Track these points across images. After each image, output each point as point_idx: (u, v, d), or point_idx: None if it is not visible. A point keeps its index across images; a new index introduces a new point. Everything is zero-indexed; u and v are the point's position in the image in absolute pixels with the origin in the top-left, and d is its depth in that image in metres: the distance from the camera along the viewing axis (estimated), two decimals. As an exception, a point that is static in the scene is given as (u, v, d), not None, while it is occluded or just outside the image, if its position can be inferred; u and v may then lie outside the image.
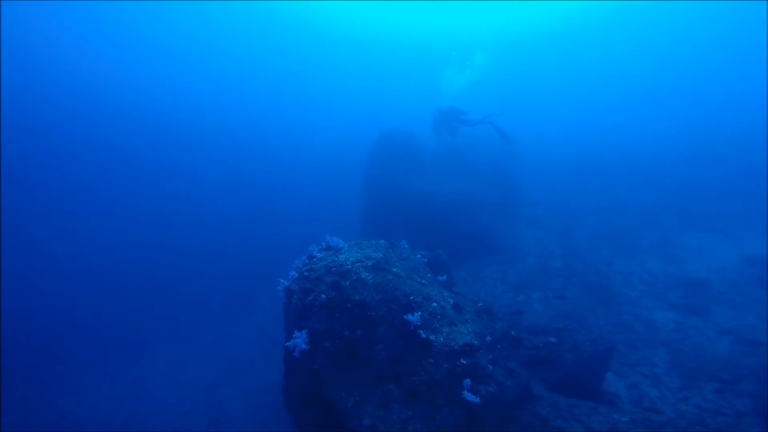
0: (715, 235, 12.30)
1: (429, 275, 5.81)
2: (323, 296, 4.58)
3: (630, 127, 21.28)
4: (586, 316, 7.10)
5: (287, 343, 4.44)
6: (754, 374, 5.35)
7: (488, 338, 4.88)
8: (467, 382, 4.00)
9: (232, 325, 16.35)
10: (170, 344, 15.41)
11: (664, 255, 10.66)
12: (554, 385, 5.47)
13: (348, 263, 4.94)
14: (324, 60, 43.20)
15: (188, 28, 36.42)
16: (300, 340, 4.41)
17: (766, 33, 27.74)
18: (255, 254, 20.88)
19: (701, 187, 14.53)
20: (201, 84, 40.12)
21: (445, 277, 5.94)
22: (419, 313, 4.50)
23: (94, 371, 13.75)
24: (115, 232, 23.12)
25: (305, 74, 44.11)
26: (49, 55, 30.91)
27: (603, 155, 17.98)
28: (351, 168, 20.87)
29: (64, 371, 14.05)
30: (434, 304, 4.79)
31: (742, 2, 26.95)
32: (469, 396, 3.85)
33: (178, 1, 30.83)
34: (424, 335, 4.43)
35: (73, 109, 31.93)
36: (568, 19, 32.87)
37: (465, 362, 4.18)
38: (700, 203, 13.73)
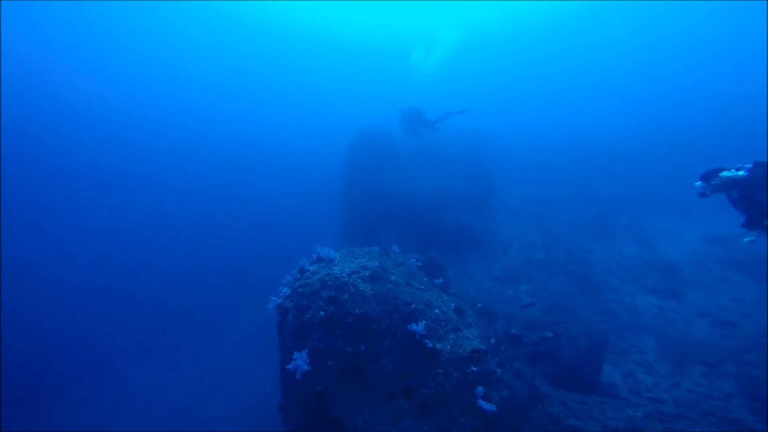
0: (678, 218, 13.09)
1: (426, 279, 5.67)
2: (322, 313, 4.31)
3: (597, 120, 22.33)
4: (575, 307, 7.29)
5: (288, 366, 4.15)
6: (733, 356, 5.69)
7: (492, 340, 4.81)
8: (480, 389, 3.89)
9: (216, 339, 15.71)
10: (151, 362, 14.71)
11: (636, 239, 11.22)
12: (556, 380, 5.53)
13: (344, 275, 4.70)
14: (292, 62, 42.22)
15: (161, 34, 34.45)
16: (301, 361, 4.13)
17: (724, 31, 30.01)
18: (233, 264, 20.19)
19: (662, 173, 15.44)
20: (173, 93, 38.30)
21: (441, 279, 5.82)
22: (423, 321, 4.34)
23: (74, 393, 13.13)
24: (86, 247, 21.89)
25: (275, 78, 42.98)
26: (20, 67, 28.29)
27: (572, 147, 18.73)
28: (327, 170, 20.58)
29: (46, 393, 13.40)
30: (437, 310, 4.65)
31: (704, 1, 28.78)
32: (484, 404, 3.74)
33: (144, 2, 28.91)
34: (430, 344, 4.27)
35: (46, 121, 29.98)
36: (539, 16, 33.99)
37: (475, 369, 4.07)
38: (661, 188, 14.56)
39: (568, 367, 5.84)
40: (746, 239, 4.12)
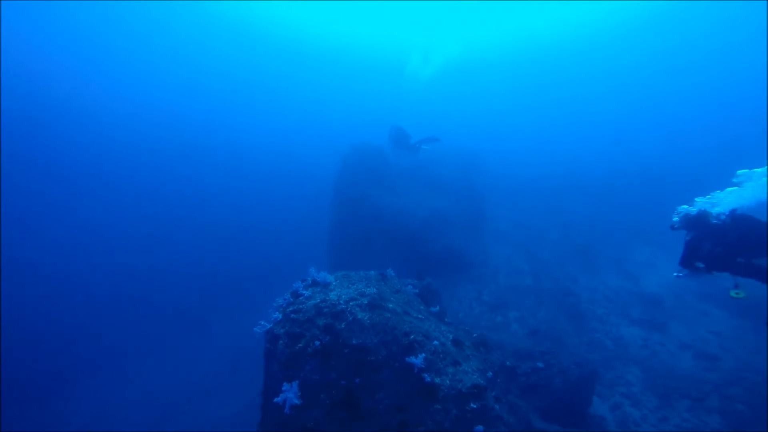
0: (656, 249, 13.57)
1: (422, 307, 5.56)
2: (317, 342, 4.12)
3: (582, 148, 23.21)
4: (562, 336, 7.32)
5: (276, 399, 3.91)
6: (717, 390, 5.81)
7: (489, 373, 4.70)
8: (479, 429, 3.76)
9: (184, 354, 15.05)
10: (146, 363, 14.12)
11: (619, 270, 11.52)
12: (547, 411, 5.46)
13: (341, 302, 4.53)
14: (287, 72, 42.48)
15: (161, 39, 34.24)
16: (291, 394, 3.91)
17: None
18: (220, 271, 19.61)
19: (640, 203, 16.10)
20: (170, 98, 37.90)
21: (438, 307, 5.73)
22: (423, 354, 4.21)
23: (71, 393, 13.22)
24: (84, 249, 21.51)
25: (272, 87, 43.12)
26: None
27: (558, 173, 19.36)
28: (318, 183, 20.54)
29: (44, 393, 13.35)
30: (435, 342, 4.53)
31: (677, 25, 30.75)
32: (484, 446, 3.62)
33: (135, 1, 28.65)
34: (429, 378, 4.13)
35: (43, 123, 29.53)
36: (532, 41, 35.39)
37: (475, 406, 3.95)
38: (641, 219, 15.15)
39: (559, 399, 5.79)
40: (675, 274, 4.37)
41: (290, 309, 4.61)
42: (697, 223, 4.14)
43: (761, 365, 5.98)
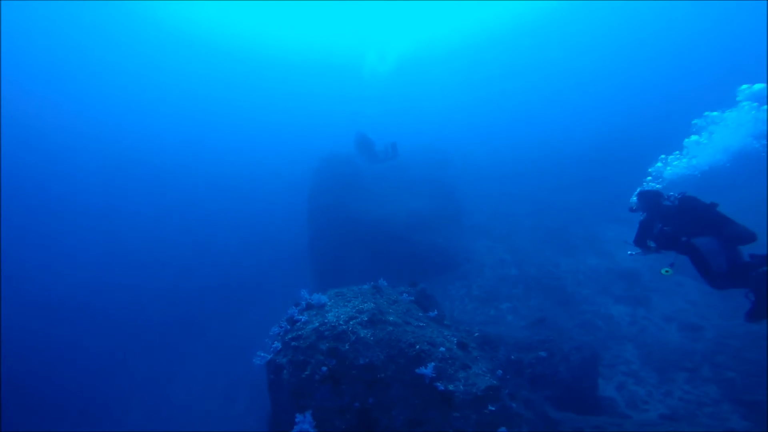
0: (624, 226, 14.30)
1: (420, 314, 5.47)
2: (323, 368, 3.93)
3: (544, 135, 24.02)
4: (557, 322, 7.49)
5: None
6: (707, 359, 6.15)
7: (499, 372, 4.68)
8: (503, 430, 3.70)
9: (170, 384, 14.29)
10: (147, 376, 13.89)
11: (596, 250, 12.01)
12: (557, 401, 5.51)
13: (341, 322, 4.37)
14: (238, 85, 41.40)
15: (113, 58, 32.59)
16: (306, 425, 3.70)
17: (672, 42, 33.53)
18: (184, 298, 18.71)
19: (607, 183, 16.90)
20: (121, 117, 36.01)
21: (435, 312, 5.66)
22: (432, 363, 4.11)
23: (72, 405, 13.37)
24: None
25: (226, 101, 41.84)
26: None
27: (524, 160, 20.00)
28: (290, 195, 20.19)
29: (45, 406, 13.37)
30: (442, 348, 4.45)
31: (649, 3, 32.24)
32: (509, 448, 3.56)
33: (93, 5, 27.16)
34: (442, 387, 4.04)
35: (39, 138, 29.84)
36: (487, 29, 35.73)
37: (493, 408, 3.89)
38: (608, 198, 15.93)
39: (566, 386, 5.88)
40: (629, 252, 4.74)
41: (289, 336, 4.39)
42: (651, 205, 4.45)
43: (738, 330, 6.42)
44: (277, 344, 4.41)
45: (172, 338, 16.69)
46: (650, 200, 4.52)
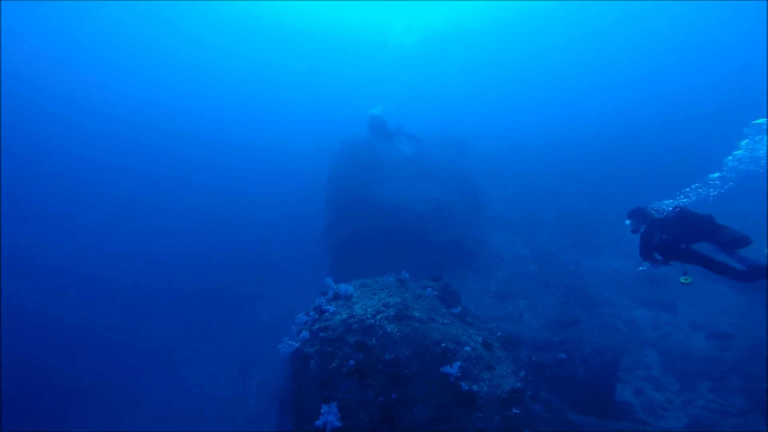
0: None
1: (444, 310, 5.48)
2: (351, 361, 3.99)
3: (571, 123, 22.82)
4: (577, 322, 7.40)
5: (317, 423, 3.79)
6: (736, 369, 5.97)
7: (522, 373, 4.68)
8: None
9: (187, 362, 14.91)
10: (152, 373, 14.01)
11: (619, 249, 11.69)
12: (574, 402, 5.51)
13: (368, 316, 4.41)
14: (263, 61, 40.92)
15: (147, 30, 32.74)
16: (332, 416, 3.80)
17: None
18: (202, 281, 19.24)
19: (638, 180, 16.18)
20: (161, 91, 36.55)
21: (459, 308, 5.65)
22: (458, 363, 4.12)
23: (75, 402, 13.19)
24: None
25: (253, 75, 41.51)
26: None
27: (548, 151, 19.26)
28: (310, 175, 20.26)
29: (47, 403, 13.22)
30: (467, 347, 4.45)
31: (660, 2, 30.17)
32: (532, 453, 3.58)
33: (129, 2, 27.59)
34: (466, 387, 4.06)
35: (45, 119, 30.45)
36: (519, 14, 33.47)
37: (517, 411, 3.91)
38: (638, 196, 15.30)
39: (584, 388, 5.86)
40: (640, 268, 4.90)
41: (317, 326, 4.47)
42: (644, 219, 4.75)
43: None
44: (305, 333, 4.49)
45: (188, 317, 17.19)
46: (641, 216, 4.82)
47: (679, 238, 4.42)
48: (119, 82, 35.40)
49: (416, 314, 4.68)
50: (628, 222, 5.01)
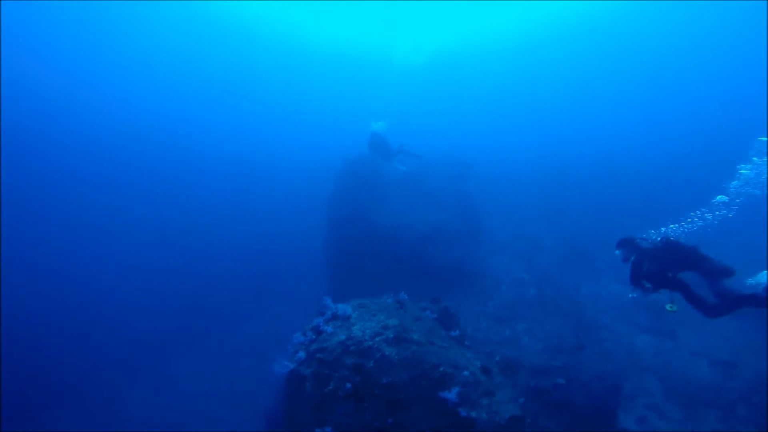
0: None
1: (443, 333, 5.44)
2: (348, 385, 3.95)
3: (575, 149, 22.92)
4: (582, 348, 7.32)
5: (311, 448, 3.72)
6: (743, 398, 5.87)
7: (521, 400, 4.60)
8: (524, 465, 3.64)
9: (174, 376, 14.60)
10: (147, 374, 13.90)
11: (619, 276, 11.66)
12: (573, 429, 5.38)
13: (366, 338, 4.38)
14: (267, 76, 41.84)
15: (139, 41, 33.64)
16: (326, 441, 3.72)
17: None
18: (196, 297, 18.97)
19: (632, 204, 16.26)
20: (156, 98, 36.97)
21: (457, 331, 5.62)
22: (456, 388, 4.07)
23: (71, 401, 13.46)
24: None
25: (256, 91, 42.37)
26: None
27: (550, 175, 19.36)
28: (310, 192, 20.32)
29: (44, 401, 13.36)
30: (465, 372, 4.41)
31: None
32: (531, 484, 3.49)
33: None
34: (464, 413, 4.00)
35: (44, 123, 29.90)
36: (525, 33, 33.91)
37: (515, 440, 3.84)
38: (637, 223, 15.35)
39: (584, 415, 5.73)
40: (630, 295, 5.08)
41: (314, 347, 4.43)
42: (634, 248, 4.91)
43: None
44: (302, 354, 4.45)
45: (179, 327, 16.85)
46: (630, 245, 4.99)
47: (666, 268, 4.65)
48: (121, 90, 35.28)
49: (415, 337, 4.65)
50: (617, 252, 5.18)
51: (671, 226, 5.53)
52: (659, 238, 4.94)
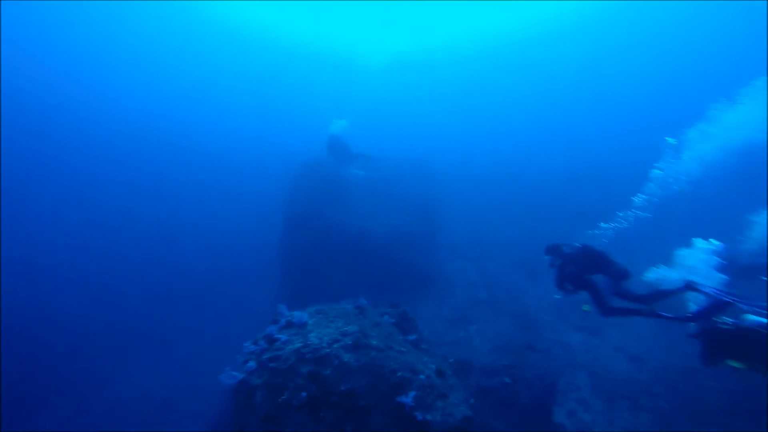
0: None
1: (401, 338, 5.52)
2: (303, 393, 3.86)
3: (537, 152, 24.06)
4: (522, 348, 7.85)
5: (262, 464, 3.57)
6: (647, 390, 6.78)
7: (471, 400, 4.83)
8: (475, 463, 3.82)
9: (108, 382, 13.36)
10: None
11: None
12: (515, 426, 5.77)
13: (324, 345, 4.32)
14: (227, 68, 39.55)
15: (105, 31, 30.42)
16: (280, 455, 3.60)
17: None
18: (132, 306, 17.38)
19: (585, 213, 17.46)
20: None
21: (415, 336, 5.74)
22: (413, 392, 4.17)
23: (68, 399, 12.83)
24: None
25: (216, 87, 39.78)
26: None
27: (504, 180, 20.43)
28: (263, 195, 19.50)
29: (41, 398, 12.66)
30: (422, 376, 4.51)
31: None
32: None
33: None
34: (420, 417, 4.10)
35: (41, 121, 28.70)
36: (478, 41, 34.63)
37: (467, 440, 4.01)
38: (582, 227, 16.70)
39: (525, 412, 6.17)
40: (555, 296, 5.78)
41: (266, 356, 4.27)
42: (559, 254, 5.57)
43: (675, 363, 7.21)
44: (252, 363, 4.26)
45: (111, 341, 15.39)
46: (556, 251, 5.62)
47: (582, 271, 5.28)
48: (89, 87, 32.85)
49: (374, 342, 4.66)
50: (546, 257, 5.75)
51: (588, 232, 6.34)
52: (579, 244, 5.55)
